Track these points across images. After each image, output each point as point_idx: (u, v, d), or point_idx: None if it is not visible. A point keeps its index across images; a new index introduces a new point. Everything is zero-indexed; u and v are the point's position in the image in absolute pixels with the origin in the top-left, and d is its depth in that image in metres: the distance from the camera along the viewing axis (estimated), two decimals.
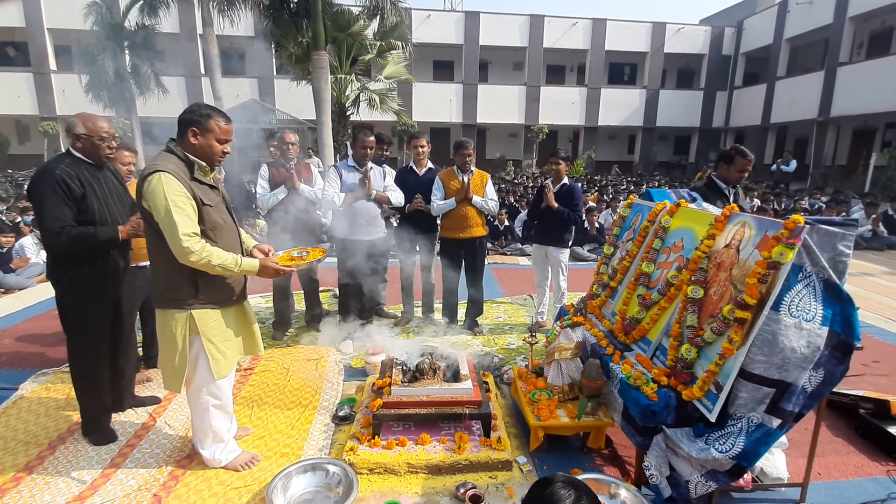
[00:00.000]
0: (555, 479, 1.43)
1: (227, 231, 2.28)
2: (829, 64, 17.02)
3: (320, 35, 9.92)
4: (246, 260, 2.18)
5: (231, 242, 2.29)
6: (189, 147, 2.16)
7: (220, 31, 13.69)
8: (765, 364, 1.99)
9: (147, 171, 2.07)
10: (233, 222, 2.34)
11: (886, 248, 8.30)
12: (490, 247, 7.81)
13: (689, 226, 2.73)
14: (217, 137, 2.17)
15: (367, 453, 2.46)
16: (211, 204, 2.19)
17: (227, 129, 2.21)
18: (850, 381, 3.39)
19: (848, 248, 1.98)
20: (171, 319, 2.19)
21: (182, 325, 2.18)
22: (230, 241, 2.29)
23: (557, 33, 21.54)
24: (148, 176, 2.05)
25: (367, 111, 14.14)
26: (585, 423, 2.59)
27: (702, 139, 23.28)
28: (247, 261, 2.18)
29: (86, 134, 2.50)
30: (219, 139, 2.18)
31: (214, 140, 2.17)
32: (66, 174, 2.42)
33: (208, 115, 2.15)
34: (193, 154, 2.17)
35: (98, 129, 2.52)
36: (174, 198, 2.02)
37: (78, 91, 15.50)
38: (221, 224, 2.24)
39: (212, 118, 2.15)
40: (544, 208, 4.29)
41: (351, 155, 4.06)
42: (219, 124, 2.17)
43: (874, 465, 2.58)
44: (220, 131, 2.17)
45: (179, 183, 2.06)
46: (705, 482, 2.10)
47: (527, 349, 3.36)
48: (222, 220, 2.25)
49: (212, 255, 2.07)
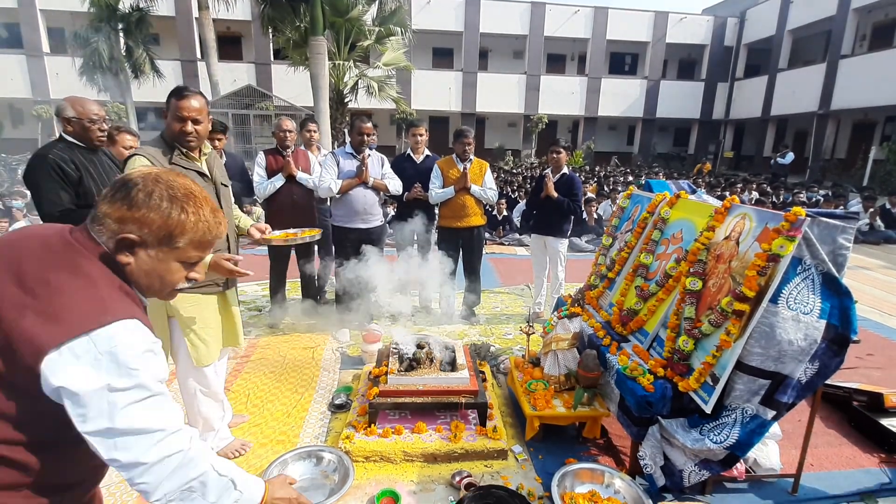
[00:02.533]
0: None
1: None
2: (831, 56, 16.92)
3: (318, 20, 9.76)
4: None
5: None
6: (167, 129, 2.11)
7: (216, 14, 13.50)
8: (761, 356, 1.99)
9: (129, 155, 2.06)
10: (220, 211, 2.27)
11: (883, 241, 8.33)
12: (488, 236, 7.80)
13: (689, 217, 2.71)
14: (174, 115, 2.05)
15: (363, 441, 2.46)
16: None
17: (181, 106, 2.04)
18: (845, 374, 3.41)
19: (848, 241, 1.97)
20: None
21: (159, 304, 2.11)
22: None
23: (558, 21, 21.31)
24: (129, 160, 2.04)
25: (365, 98, 14.01)
26: (581, 413, 2.59)
27: (701, 131, 23.21)
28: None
29: (76, 117, 2.47)
30: (175, 116, 2.05)
31: (171, 118, 2.06)
32: (60, 158, 2.39)
33: (171, 93, 2.07)
34: (169, 136, 2.10)
35: (87, 111, 2.49)
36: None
37: (72, 74, 15.29)
38: None
39: (172, 96, 2.06)
40: (544, 198, 4.26)
41: (349, 142, 4.02)
42: (173, 101, 2.06)
43: (866, 457, 2.61)
44: (174, 108, 2.05)
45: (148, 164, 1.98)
46: (699, 471, 2.12)
47: (524, 339, 3.36)
48: None
49: None
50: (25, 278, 0.92)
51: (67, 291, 0.92)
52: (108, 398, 0.90)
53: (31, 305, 0.90)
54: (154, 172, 1.05)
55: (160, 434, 0.95)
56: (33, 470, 0.96)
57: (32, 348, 0.88)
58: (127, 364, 0.91)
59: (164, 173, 1.05)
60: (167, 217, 1.01)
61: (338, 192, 3.85)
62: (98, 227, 1.00)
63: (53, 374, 0.87)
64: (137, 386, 0.92)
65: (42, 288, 0.91)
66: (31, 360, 0.88)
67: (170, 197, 1.01)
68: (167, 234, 1.01)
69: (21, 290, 0.91)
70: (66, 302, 0.91)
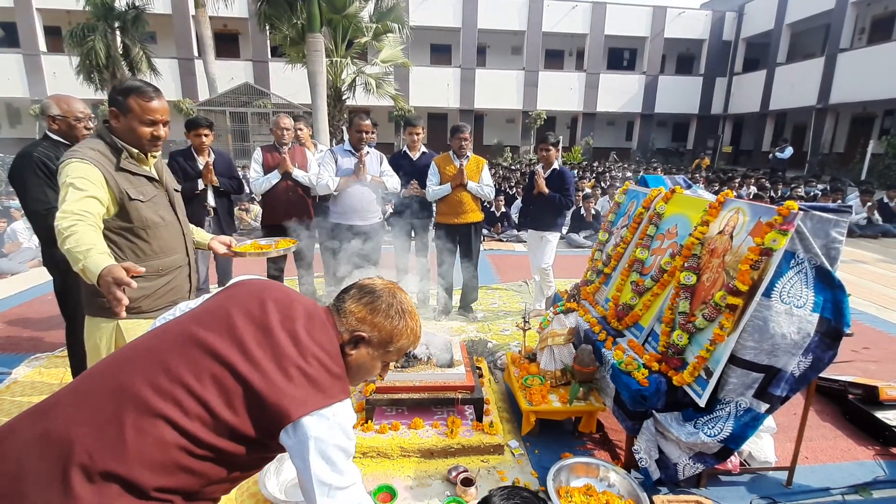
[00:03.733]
0: (491, 495, 1.51)
1: (166, 230, 1.95)
2: (830, 50, 16.88)
3: (315, 17, 9.73)
4: (94, 258, 1.52)
5: (170, 243, 1.96)
6: (113, 131, 1.83)
7: (213, 11, 13.44)
8: (755, 350, 2.00)
9: (62, 161, 1.75)
10: (176, 219, 2.01)
11: (881, 235, 8.33)
12: (486, 233, 7.80)
13: (684, 212, 2.72)
14: (139, 119, 1.79)
15: (359, 438, 2.47)
16: (142, 199, 1.85)
17: (152, 108, 1.79)
18: (840, 367, 3.42)
19: (841, 234, 1.97)
20: (97, 329, 1.89)
21: (108, 337, 1.88)
22: (169, 242, 1.96)
23: (557, 17, 21.24)
24: (62, 166, 1.73)
25: (363, 95, 13.97)
26: (577, 407, 2.61)
27: (700, 126, 23.18)
28: (94, 259, 1.51)
29: (61, 115, 2.47)
30: (142, 120, 1.79)
31: (137, 122, 1.79)
32: (44, 156, 2.38)
33: (128, 90, 1.78)
34: (121, 139, 1.83)
35: (73, 109, 2.48)
36: (75, 180, 1.68)
37: (69, 73, 15.24)
38: (158, 222, 1.90)
39: (131, 94, 1.77)
40: (536, 194, 4.27)
41: (347, 139, 4.02)
42: (139, 102, 1.78)
43: (861, 450, 2.62)
44: (141, 110, 1.78)
45: (97, 170, 1.73)
46: (693, 464, 2.13)
47: (521, 335, 3.37)
48: (159, 218, 1.91)
49: (70, 237, 1.56)
50: (300, 343, 1.13)
51: (327, 366, 1.13)
52: (333, 454, 1.09)
53: (304, 370, 1.10)
54: (393, 288, 1.31)
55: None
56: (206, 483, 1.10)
57: (293, 408, 1.06)
58: (348, 433, 1.13)
59: (398, 290, 1.32)
60: (394, 327, 1.26)
61: (335, 189, 3.86)
62: (342, 318, 1.24)
63: (308, 428, 1.06)
64: (346, 450, 1.13)
65: (312, 359, 1.12)
66: (282, 419, 1.06)
67: (400, 311, 1.27)
68: (388, 339, 1.26)
69: (297, 352, 1.12)
70: (325, 375, 1.13)
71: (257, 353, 1.08)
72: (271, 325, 1.13)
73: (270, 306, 1.17)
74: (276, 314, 1.15)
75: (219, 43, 16.85)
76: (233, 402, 1.04)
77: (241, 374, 1.05)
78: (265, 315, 1.15)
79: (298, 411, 1.05)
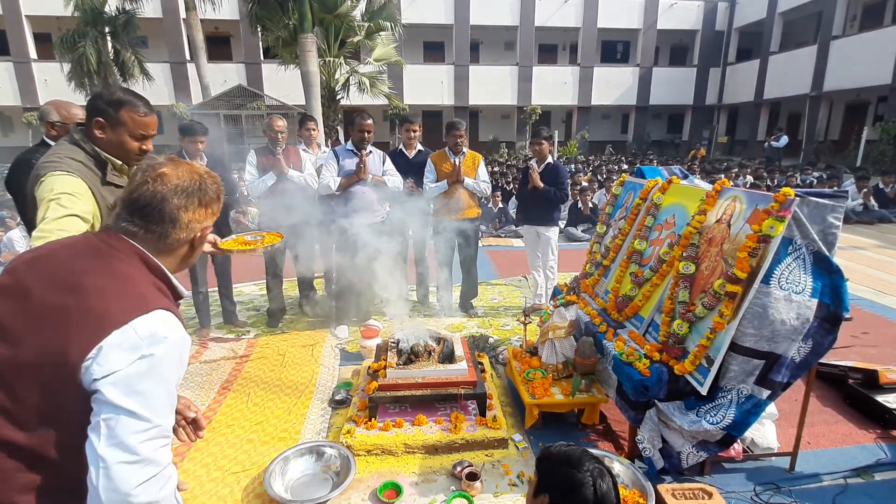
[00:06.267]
0: (583, 461, 1.19)
1: None
2: (823, 38, 16.87)
3: (307, 17, 9.71)
4: None
5: None
6: (96, 141, 1.75)
7: (204, 14, 13.37)
8: (755, 337, 2.01)
9: (39, 172, 1.66)
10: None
11: (877, 221, 8.36)
12: (484, 229, 7.80)
13: (681, 202, 2.72)
14: (131, 132, 1.73)
15: (364, 435, 2.48)
16: None
17: (146, 122, 1.74)
18: (840, 353, 3.44)
19: (838, 219, 1.98)
20: None
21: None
22: None
23: (549, 11, 21.18)
24: (40, 178, 1.64)
25: (357, 95, 13.94)
26: (579, 399, 2.62)
27: (695, 117, 23.16)
28: None
29: (60, 121, 2.46)
30: (133, 135, 1.73)
31: (127, 135, 1.72)
32: None
33: (119, 102, 1.70)
34: (105, 150, 1.75)
35: (72, 115, 2.47)
36: (60, 196, 1.60)
37: (61, 80, 15.15)
38: None
39: (124, 107, 1.70)
40: (530, 189, 4.27)
41: (347, 139, 4.02)
42: (133, 116, 1.71)
43: (862, 433, 2.64)
44: (133, 124, 1.72)
45: (84, 184, 1.66)
46: (696, 452, 2.14)
47: (521, 329, 3.38)
48: None
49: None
50: (62, 286, 0.99)
51: (107, 291, 0.99)
52: (142, 363, 0.96)
53: (73, 308, 0.96)
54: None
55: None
56: (60, 472, 0.99)
57: (78, 345, 0.94)
58: (162, 338, 0.98)
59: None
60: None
61: (336, 189, 3.86)
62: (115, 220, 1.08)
63: (100, 365, 0.93)
64: (165, 357, 0.98)
65: (80, 292, 0.98)
66: (75, 357, 0.93)
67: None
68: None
69: (61, 296, 0.97)
70: (106, 300, 0.98)
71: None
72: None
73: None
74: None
75: (211, 46, 16.80)
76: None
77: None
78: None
79: (86, 348, 0.96)
